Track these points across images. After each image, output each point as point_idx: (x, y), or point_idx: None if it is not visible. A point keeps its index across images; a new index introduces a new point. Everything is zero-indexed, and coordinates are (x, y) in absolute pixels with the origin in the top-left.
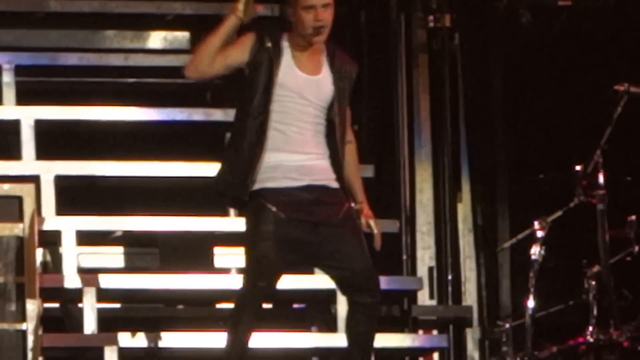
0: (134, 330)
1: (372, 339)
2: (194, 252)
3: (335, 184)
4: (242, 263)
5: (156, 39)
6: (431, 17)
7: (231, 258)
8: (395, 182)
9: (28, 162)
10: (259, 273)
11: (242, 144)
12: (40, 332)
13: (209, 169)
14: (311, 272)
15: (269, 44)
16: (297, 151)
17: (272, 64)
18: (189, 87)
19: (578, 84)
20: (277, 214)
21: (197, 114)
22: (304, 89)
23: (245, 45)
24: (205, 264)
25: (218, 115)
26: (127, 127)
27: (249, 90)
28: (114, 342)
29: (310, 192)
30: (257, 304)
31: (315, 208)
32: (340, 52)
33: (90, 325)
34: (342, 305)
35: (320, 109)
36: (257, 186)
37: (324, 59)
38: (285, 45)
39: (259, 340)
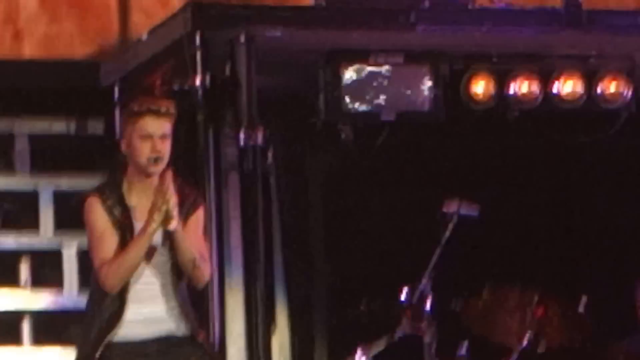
0: None
1: None
2: None
3: (186, 332)
4: None
5: None
6: (242, 134)
7: None
8: (203, 311)
9: None
10: None
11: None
12: None
13: None
14: None
15: (110, 201)
16: (144, 304)
17: (118, 221)
18: None
19: (404, 204)
20: None
21: None
22: None
23: (104, 222)
24: None
25: (10, 242)
26: None
27: None
28: None
29: (156, 344)
30: None
31: (163, 358)
32: (179, 186)
33: None
34: None
35: (167, 255)
36: (106, 340)
37: None
38: (126, 192)
39: None
